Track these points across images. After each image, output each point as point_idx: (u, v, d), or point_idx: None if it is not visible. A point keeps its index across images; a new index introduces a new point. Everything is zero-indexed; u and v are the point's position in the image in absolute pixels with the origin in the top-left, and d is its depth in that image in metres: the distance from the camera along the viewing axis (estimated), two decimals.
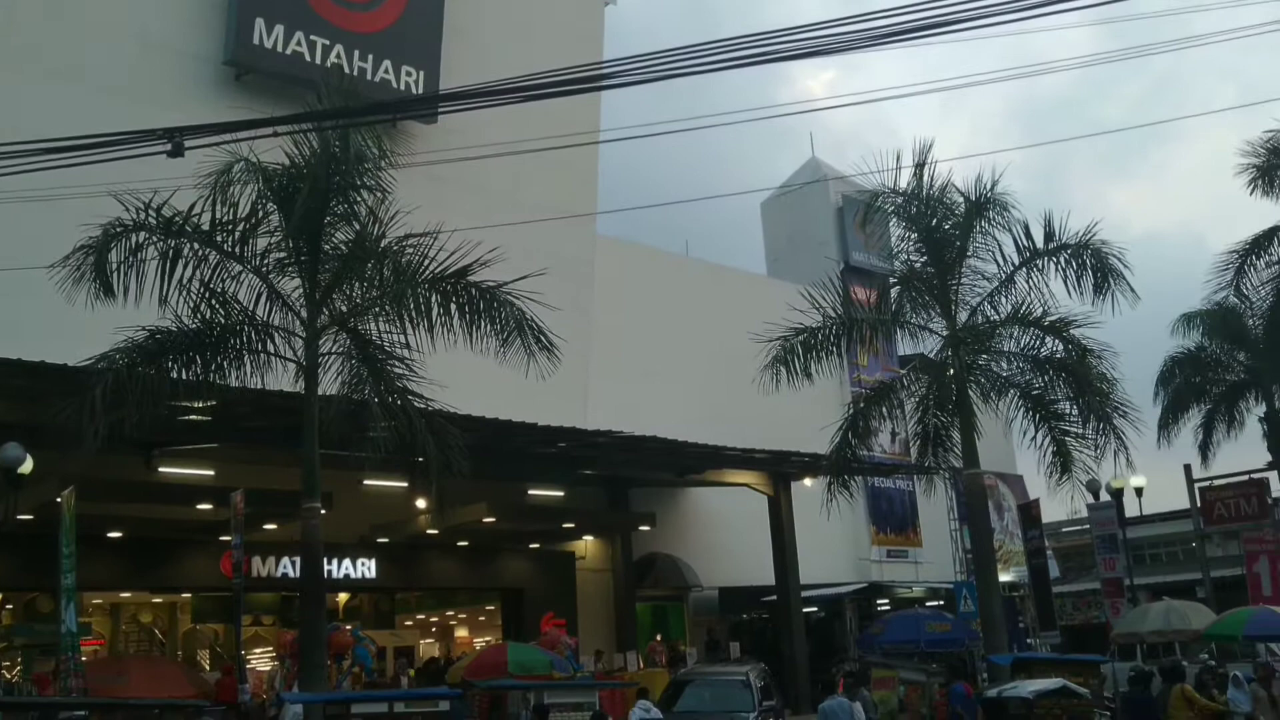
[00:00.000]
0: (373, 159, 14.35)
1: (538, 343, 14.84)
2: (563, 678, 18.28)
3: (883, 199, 21.30)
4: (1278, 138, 25.59)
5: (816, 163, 40.25)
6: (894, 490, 35.86)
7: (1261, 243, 25.60)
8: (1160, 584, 36.26)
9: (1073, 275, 20.12)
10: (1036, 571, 29.01)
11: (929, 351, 22.34)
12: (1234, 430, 33.11)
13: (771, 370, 20.90)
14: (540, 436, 20.99)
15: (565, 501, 26.38)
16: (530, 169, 25.03)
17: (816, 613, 29.81)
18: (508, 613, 27.06)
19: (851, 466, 21.98)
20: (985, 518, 21.56)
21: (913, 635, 24.48)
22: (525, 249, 17.14)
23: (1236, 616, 20.51)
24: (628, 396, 27.33)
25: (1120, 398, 19.86)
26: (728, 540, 29.29)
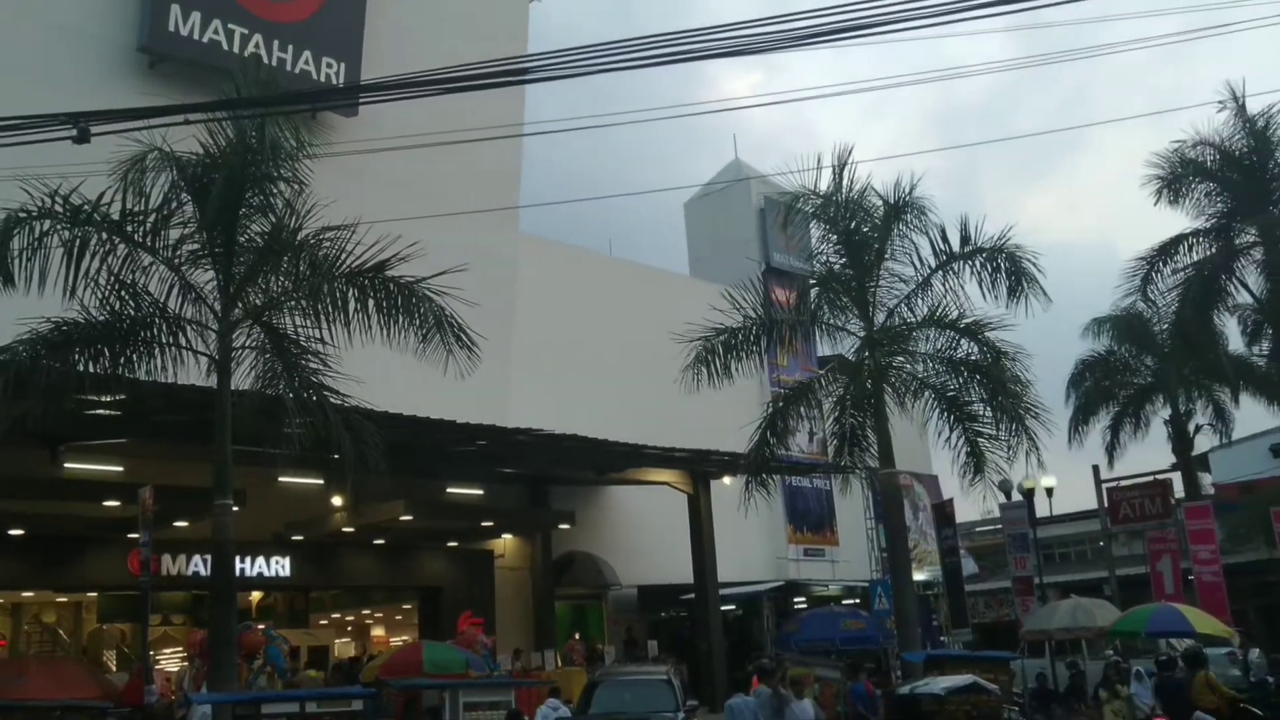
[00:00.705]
0: (290, 150, 14.11)
1: (457, 340, 14.72)
2: (479, 676, 18.15)
3: (803, 201, 21.52)
4: (1183, 150, 26.31)
5: (739, 164, 40.51)
6: (811, 490, 36.23)
7: (1168, 250, 26.29)
8: (1069, 582, 37.15)
9: (988, 278, 20.51)
10: (950, 570, 29.56)
11: (847, 352, 22.61)
12: (1140, 432, 34.11)
13: (693, 370, 21.01)
14: (460, 434, 20.81)
15: (484, 500, 26.24)
16: (453, 165, 24.82)
17: (734, 611, 29.99)
18: (425, 611, 26.83)
19: (770, 465, 22.16)
20: (900, 517, 21.86)
21: (828, 633, 24.76)
22: (447, 245, 16.97)
23: (1140, 614, 21.04)
24: (549, 395, 27.25)
25: (1032, 399, 20.26)
26: (647, 539, 29.35)
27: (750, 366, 21.75)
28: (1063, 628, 22.20)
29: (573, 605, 30.22)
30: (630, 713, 16.70)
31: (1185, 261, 26.15)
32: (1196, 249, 26.15)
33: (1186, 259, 26.16)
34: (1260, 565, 34.73)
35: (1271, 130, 25.57)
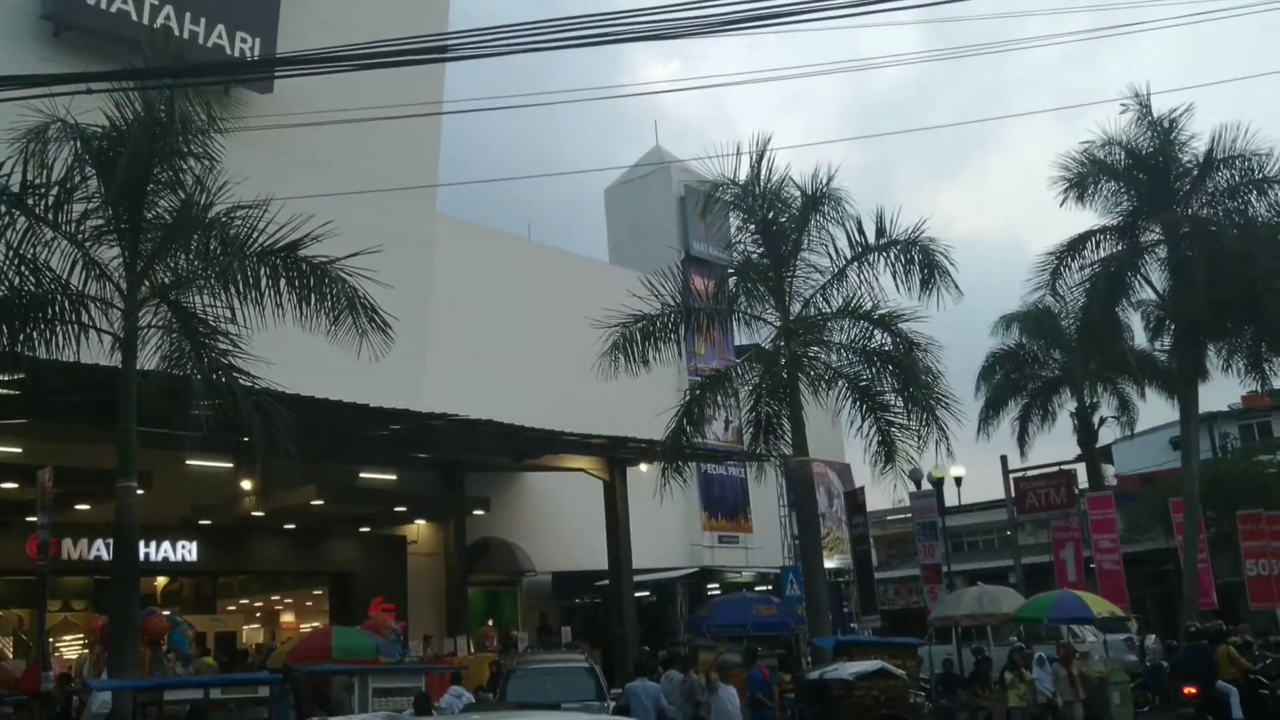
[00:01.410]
0: (201, 125, 13.79)
1: (371, 322, 14.54)
2: (389, 662, 17.97)
3: (722, 190, 21.65)
4: (1092, 150, 26.88)
5: (660, 151, 40.56)
6: (726, 477, 36.49)
7: (1077, 246, 26.82)
8: (976, 570, 37.95)
9: (901, 270, 20.86)
10: (860, 557, 29.99)
11: (764, 342, 22.82)
12: (1048, 424, 34.98)
13: (610, 357, 21.04)
14: (373, 418, 20.55)
15: (398, 485, 25.97)
16: (370, 145, 24.48)
17: (648, 597, 30.11)
18: (336, 597, 26.51)
19: (686, 453, 22.30)
20: (813, 504, 22.13)
21: (740, 619, 24.96)
22: (363, 226, 16.73)
23: (1043, 601, 21.60)
24: (465, 379, 27.04)
25: (943, 390, 20.65)
26: (562, 525, 29.31)
27: (668, 354, 21.86)
28: (968, 614, 22.67)
29: (487, 591, 30.08)
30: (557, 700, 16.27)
31: (1093, 258, 26.70)
32: (1104, 245, 26.73)
33: (1094, 255, 26.71)
34: (1158, 554, 35.82)
35: (1176, 132, 26.24)
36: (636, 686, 15.42)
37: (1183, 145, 26.35)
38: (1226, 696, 16.12)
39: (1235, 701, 16.04)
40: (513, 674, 17.64)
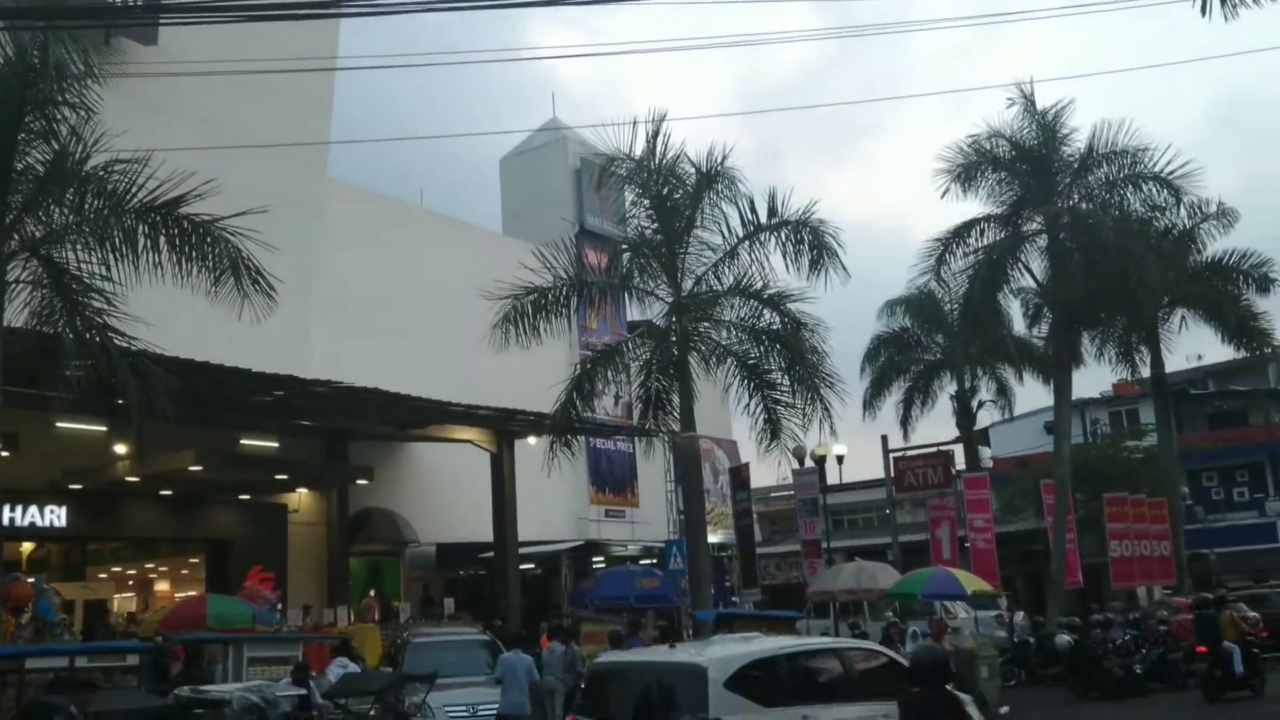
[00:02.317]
0: (78, 73, 13.25)
1: (254, 284, 14.18)
2: (266, 631, 17.65)
3: (617, 164, 21.62)
4: (979, 141, 27.52)
5: (557, 123, 40.29)
6: (614, 452, 36.61)
7: (962, 233, 27.44)
8: (855, 547, 38.78)
9: (792, 251, 21.09)
10: (743, 532, 30.41)
11: (655, 318, 22.90)
12: (929, 406, 35.82)
13: (501, 328, 20.90)
14: (255, 383, 20.07)
15: (280, 452, 25.46)
16: (259, 102, 23.85)
17: (533, 570, 30.10)
18: (213, 566, 25.93)
19: (575, 427, 22.30)
20: (699, 480, 22.33)
21: (624, 591, 25.13)
22: (249, 185, 16.28)
23: (918, 577, 22.19)
24: (352, 346, 26.59)
25: (829, 370, 21.00)
26: (448, 496, 29.10)
27: (559, 327, 21.82)
28: (846, 589, 23.21)
29: (369, 562, 29.74)
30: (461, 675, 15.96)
31: (976, 246, 27.36)
32: (987, 234, 27.40)
33: (978, 243, 27.36)
34: (1029, 535, 37.08)
35: (1059, 125, 27.03)
36: (510, 658, 15.38)
37: (1064, 139, 27.17)
38: (1230, 655, 19.00)
39: (1238, 658, 18.97)
40: (408, 646, 17.42)
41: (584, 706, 10.42)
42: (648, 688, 9.88)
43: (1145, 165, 26.65)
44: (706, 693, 9.13)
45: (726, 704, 9.11)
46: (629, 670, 11.04)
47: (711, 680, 9.26)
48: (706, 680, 9.27)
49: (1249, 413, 47.99)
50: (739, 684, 9.39)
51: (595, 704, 10.38)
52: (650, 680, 10.00)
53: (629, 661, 11.94)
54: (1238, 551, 39.71)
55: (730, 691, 9.25)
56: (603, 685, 10.89)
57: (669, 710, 9.35)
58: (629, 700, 10.02)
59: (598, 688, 10.91)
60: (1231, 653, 19.00)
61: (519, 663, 15.29)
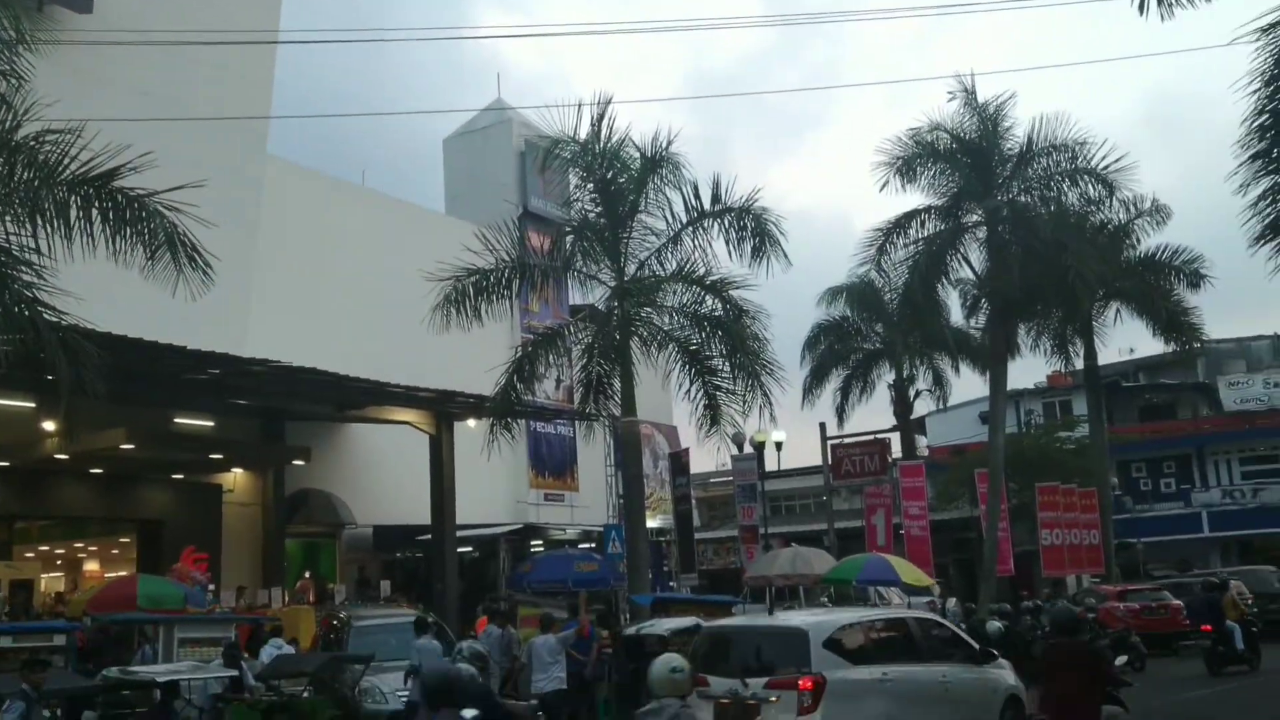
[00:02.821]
0: (9, 39, 12.89)
1: (190, 260, 13.87)
2: (198, 612, 17.45)
3: (562, 146, 21.57)
4: (921, 133, 27.79)
5: (501, 104, 40.02)
6: (554, 436, 36.56)
7: (903, 224, 27.72)
8: (793, 533, 39.16)
9: (735, 237, 21.20)
10: (681, 517, 30.56)
11: (598, 302, 22.91)
12: (867, 395, 36.26)
13: (442, 310, 20.79)
14: (191, 361, 19.75)
15: (215, 431, 25.09)
16: (197, 75, 23.41)
17: (471, 552, 30.01)
18: (144, 546, 25.52)
19: (515, 410, 22.26)
20: (639, 465, 22.40)
21: (561, 575, 25.12)
22: (187, 160, 16.08)
23: (853, 563, 22.42)
24: (291, 326, 26.24)
25: (769, 357, 21.15)
26: (386, 478, 28.89)
27: (501, 310, 21.74)
28: (782, 574, 23.38)
29: (305, 543, 29.45)
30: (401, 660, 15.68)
31: (917, 236, 27.67)
32: (928, 225, 27.71)
33: (918, 234, 27.68)
34: (963, 522, 37.68)
35: (1000, 119, 27.37)
36: (422, 644, 15.17)
37: (1005, 132, 27.53)
38: (1231, 632, 20.93)
39: (1238, 636, 20.92)
40: (350, 629, 17.21)
41: (703, 664, 11.44)
42: (757, 647, 11.57)
43: (1083, 160, 27.10)
44: (808, 650, 11.05)
45: (823, 660, 11.03)
46: (738, 633, 13.01)
47: (812, 640, 11.20)
48: (808, 640, 11.20)
49: (1178, 406, 49.06)
50: (832, 644, 11.33)
51: (710, 661, 11.70)
52: (757, 641, 11.82)
53: (737, 626, 14.12)
54: (1164, 541, 40.67)
55: (826, 650, 11.18)
56: (714, 646, 12.49)
57: (775, 665, 11.04)
58: (739, 657, 11.55)
59: (710, 648, 12.37)
60: (1233, 630, 20.96)
61: (430, 649, 15.08)
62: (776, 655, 11.21)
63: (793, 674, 10.83)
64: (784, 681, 10.83)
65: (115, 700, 12.99)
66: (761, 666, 11.10)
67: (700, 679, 10.66)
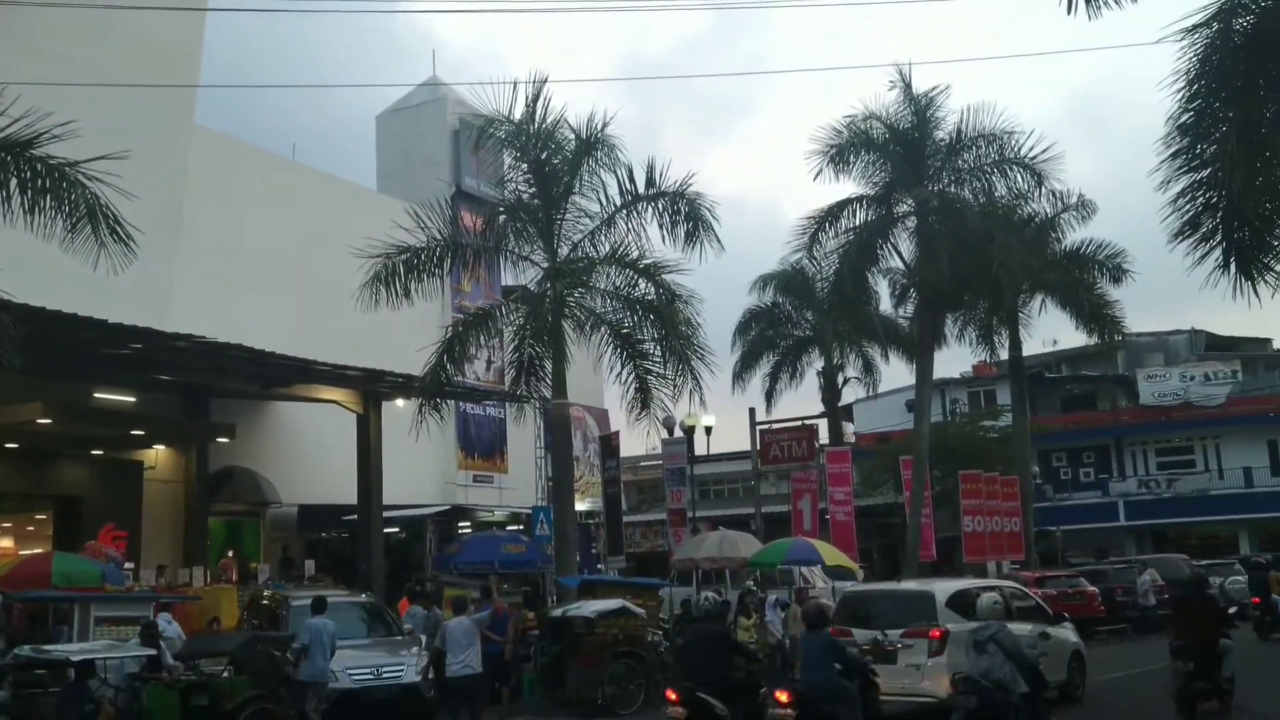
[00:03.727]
0: None
1: (112, 233, 13.60)
2: (116, 590, 17.13)
3: (496, 126, 21.47)
4: (855, 122, 27.97)
5: (436, 80, 39.60)
6: (483, 417, 36.39)
7: (835, 213, 27.88)
8: (721, 517, 39.45)
9: (668, 221, 21.26)
10: (610, 500, 30.63)
11: (530, 283, 22.83)
12: (796, 381, 36.62)
13: (371, 288, 20.59)
14: (112, 335, 19.29)
15: (137, 407, 24.60)
16: (125, 44, 22.85)
17: (398, 533, 29.80)
18: (61, 523, 24.93)
19: (445, 390, 22.14)
20: (569, 447, 22.41)
21: (488, 556, 25.08)
22: (110, 129, 15.71)
23: (778, 546, 22.70)
24: (216, 301, 25.78)
25: (701, 342, 21.27)
26: (312, 457, 28.53)
27: (431, 289, 21.62)
28: (709, 557, 23.60)
29: (228, 522, 29.01)
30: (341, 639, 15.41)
31: (848, 225, 27.86)
32: (859, 214, 27.92)
33: (850, 223, 27.86)
34: (887, 508, 38.25)
35: (933, 110, 27.66)
36: (315, 623, 14.92)
37: (937, 123, 27.82)
38: (1276, 605, 23.37)
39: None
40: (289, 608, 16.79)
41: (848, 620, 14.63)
42: (891, 607, 14.89)
43: (1011, 150, 27.48)
44: (935, 609, 14.23)
45: (946, 616, 14.11)
46: (877, 595, 16.45)
47: (938, 601, 14.41)
48: (935, 601, 14.42)
49: (1098, 397, 50.22)
50: (952, 604, 14.33)
51: (850, 618, 14.78)
52: (891, 603, 15.16)
53: (876, 590, 17.74)
54: (1083, 529, 41.65)
55: (948, 609, 14.23)
56: (856, 605, 15.70)
57: (907, 620, 14.20)
58: (876, 616, 14.69)
59: (853, 608, 15.57)
60: (1277, 603, 23.46)
61: (323, 628, 14.85)
62: (909, 612, 14.47)
63: (924, 626, 13.99)
64: (918, 632, 13.98)
65: (27, 680, 12.73)
66: (896, 620, 14.29)
67: (846, 631, 13.86)
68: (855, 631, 14.13)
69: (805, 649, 11.53)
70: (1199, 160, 13.82)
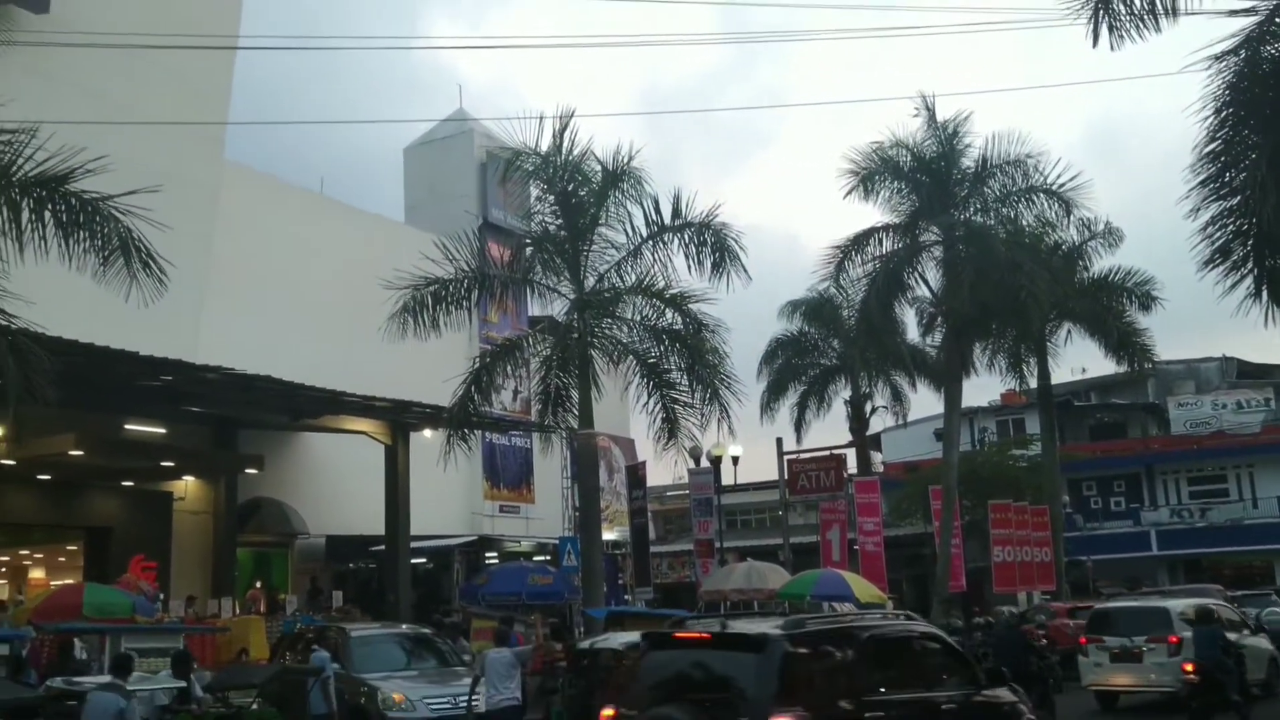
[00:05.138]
0: None
1: (144, 265, 13.73)
2: (146, 622, 17.19)
3: (523, 158, 21.58)
4: (882, 150, 27.96)
5: (463, 114, 39.94)
6: (510, 447, 36.44)
7: (861, 241, 27.80)
8: (748, 547, 39.19)
9: (694, 252, 21.28)
10: (637, 531, 30.52)
11: (557, 314, 22.89)
12: (824, 410, 36.40)
13: (399, 319, 20.70)
14: (143, 367, 19.48)
15: (167, 438, 24.77)
16: (155, 79, 23.17)
17: (425, 564, 29.82)
18: (92, 554, 25.09)
19: (473, 421, 22.16)
20: (595, 477, 22.39)
21: (516, 587, 25.01)
22: (142, 163, 15.90)
23: (807, 578, 22.51)
24: (245, 333, 25.99)
25: (728, 371, 21.25)
26: (340, 488, 28.63)
27: (459, 320, 21.69)
28: (737, 589, 23.41)
29: (256, 553, 29.13)
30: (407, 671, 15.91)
31: (875, 254, 27.78)
32: (886, 242, 27.85)
33: (876, 251, 27.79)
34: (916, 538, 37.90)
35: (958, 138, 27.60)
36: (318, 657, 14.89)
37: (963, 151, 27.75)
38: None
39: None
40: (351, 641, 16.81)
41: (1096, 629, 19.01)
42: (1134, 619, 18.65)
43: (1038, 176, 27.38)
44: (1171, 620, 17.99)
45: (1180, 625, 17.54)
46: (1121, 610, 19.62)
47: (1173, 614, 18.11)
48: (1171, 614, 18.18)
49: (1128, 425, 49.71)
50: (1183, 616, 17.76)
51: (1100, 628, 18.93)
52: (1134, 616, 18.91)
53: (1120, 606, 20.56)
54: (1115, 559, 41.15)
55: (1180, 619, 17.74)
56: (1102, 617, 19.48)
57: (1149, 630, 17.98)
58: (1123, 626, 18.47)
59: (1099, 619, 19.42)
60: None
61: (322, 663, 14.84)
62: (1151, 623, 18.10)
63: (1164, 633, 17.64)
64: (1159, 638, 17.64)
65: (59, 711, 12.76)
66: (1139, 630, 17.94)
67: (1097, 639, 18.42)
68: (1105, 638, 18.40)
69: (1197, 637, 15.58)
70: (1228, 188, 13.74)
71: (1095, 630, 18.87)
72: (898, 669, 9.17)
